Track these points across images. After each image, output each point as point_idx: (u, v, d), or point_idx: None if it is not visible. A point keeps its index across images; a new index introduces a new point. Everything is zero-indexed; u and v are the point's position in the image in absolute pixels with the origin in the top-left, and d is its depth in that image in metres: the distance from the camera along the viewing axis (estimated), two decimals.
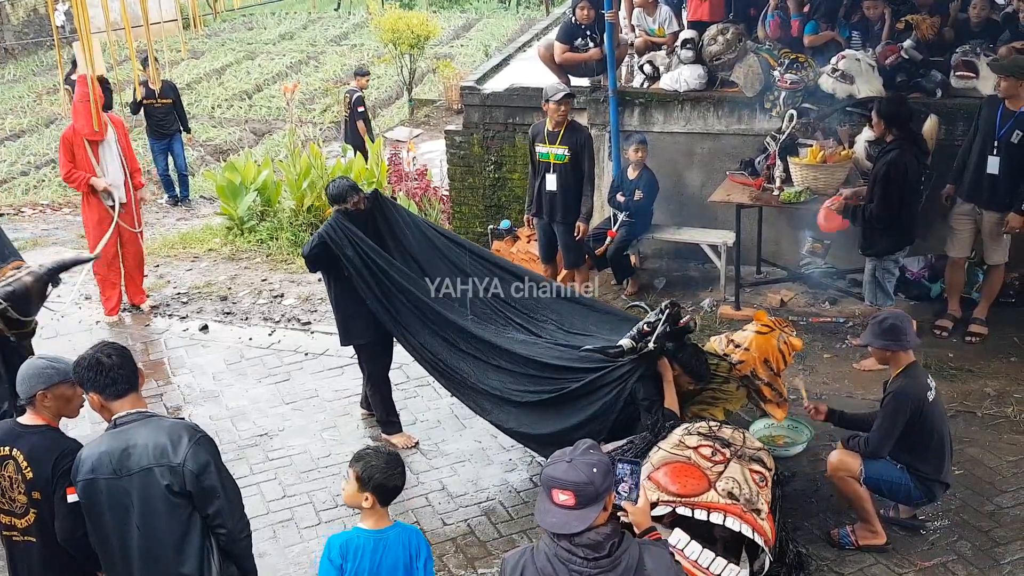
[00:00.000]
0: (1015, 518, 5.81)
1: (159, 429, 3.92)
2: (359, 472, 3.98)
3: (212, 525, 3.98)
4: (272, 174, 12.16)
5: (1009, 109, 7.34)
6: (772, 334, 6.13)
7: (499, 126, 10.33)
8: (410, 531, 4.12)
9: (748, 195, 8.43)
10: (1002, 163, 7.35)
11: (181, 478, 3.85)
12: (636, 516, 3.80)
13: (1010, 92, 7.32)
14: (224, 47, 24.71)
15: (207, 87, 21.14)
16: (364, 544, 4.00)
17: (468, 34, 25.03)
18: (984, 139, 7.49)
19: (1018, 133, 7.27)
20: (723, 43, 8.98)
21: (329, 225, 6.34)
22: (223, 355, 8.43)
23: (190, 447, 3.87)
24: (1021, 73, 7.27)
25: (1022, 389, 7.19)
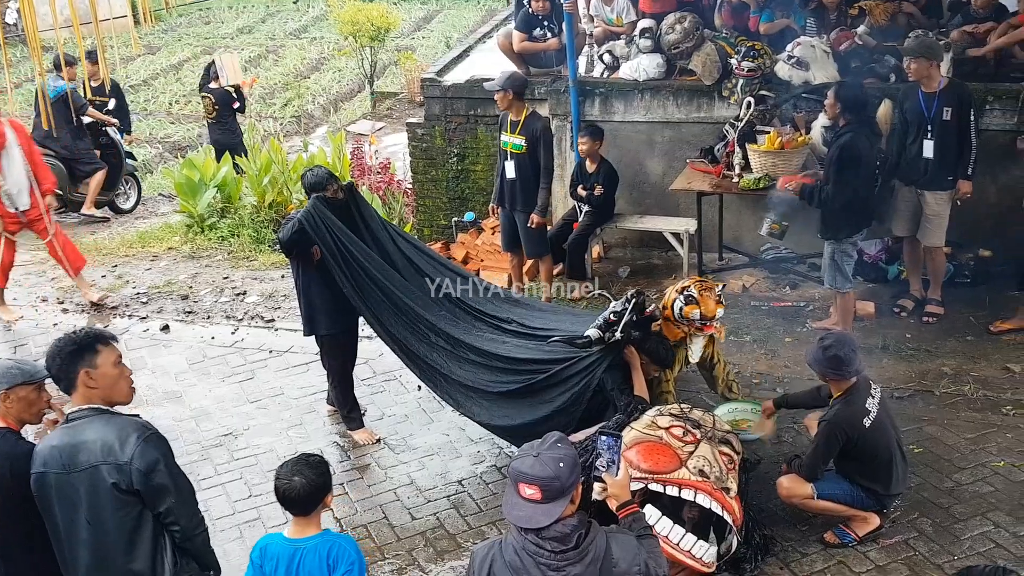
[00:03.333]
0: (974, 494, 5.90)
1: (108, 426, 3.88)
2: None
3: (165, 523, 3.95)
4: (232, 170, 12.06)
5: (928, 91, 7.47)
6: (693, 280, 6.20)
7: (461, 118, 10.32)
8: (332, 542, 4.00)
9: (708, 183, 8.50)
10: (936, 144, 7.49)
11: (128, 476, 3.82)
12: (615, 489, 3.82)
13: (920, 74, 7.45)
14: (180, 42, 24.45)
15: (164, 83, 20.91)
16: (281, 552, 3.97)
17: (429, 25, 24.93)
18: (915, 126, 7.61)
19: (947, 109, 7.41)
20: (681, 32, 9.03)
21: (308, 211, 6.29)
22: (185, 355, 8.37)
23: (138, 445, 3.83)
24: (929, 54, 7.39)
25: (978, 368, 7.30)
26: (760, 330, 8.06)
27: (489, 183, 10.22)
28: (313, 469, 3.97)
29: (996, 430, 6.53)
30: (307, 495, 3.94)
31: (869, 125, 7.19)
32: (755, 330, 8.05)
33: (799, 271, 8.83)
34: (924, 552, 5.44)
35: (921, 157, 7.61)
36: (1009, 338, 7.67)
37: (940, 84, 7.45)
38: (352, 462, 6.73)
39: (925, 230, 7.78)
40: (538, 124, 8.22)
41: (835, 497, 5.46)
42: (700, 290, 6.03)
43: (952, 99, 7.41)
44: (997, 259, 8.50)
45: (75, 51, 12.04)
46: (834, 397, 5.44)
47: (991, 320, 7.86)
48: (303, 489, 3.92)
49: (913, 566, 5.34)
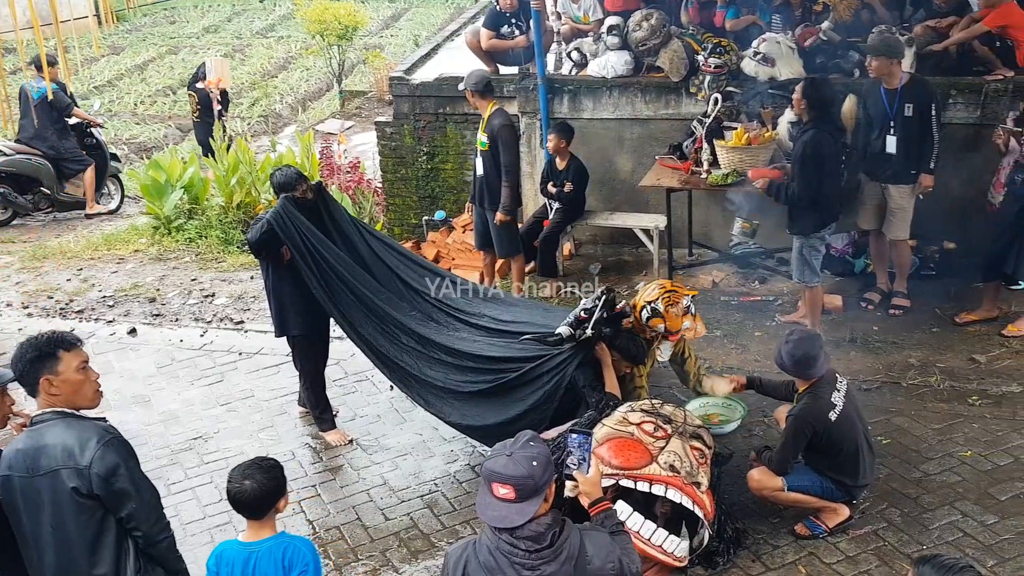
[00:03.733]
0: (942, 484, 5.97)
1: (70, 430, 3.85)
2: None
3: (127, 528, 3.92)
4: (199, 171, 11.97)
5: (890, 88, 7.54)
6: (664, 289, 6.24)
7: (430, 116, 10.30)
8: (287, 544, 3.98)
9: (677, 179, 8.53)
10: (899, 139, 7.57)
11: (88, 481, 3.79)
12: (587, 486, 3.84)
13: (882, 71, 7.52)
14: (145, 42, 24.21)
15: (129, 83, 20.69)
16: (235, 557, 3.95)
17: (398, 24, 24.83)
18: (879, 122, 7.69)
19: (908, 105, 7.49)
20: (648, 29, 9.05)
21: (277, 211, 6.27)
22: (153, 358, 8.32)
23: (98, 449, 3.80)
24: (890, 52, 7.46)
25: (945, 359, 7.39)
26: (730, 324, 8.12)
27: (459, 181, 10.25)
28: (264, 473, 3.94)
29: (963, 420, 6.61)
30: (257, 499, 3.91)
31: (833, 122, 7.24)
32: (725, 324, 8.10)
33: (768, 266, 8.89)
34: (893, 542, 5.49)
35: (884, 152, 7.68)
36: (974, 329, 7.76)
37: (902, 80, 7.52)
38: (324, 463, 6.71)
39: (890, 224, 7.85)
40: (497, 121, 8.18)
41: (804, 489, 5.51)
42: (667, 305, 6.09)
43: (913, 95, 7.48)
44: (961, 251, 8.59)
45: (36, 53, 11.97)
46: (800, 392, 5.49)
47: (956, 312, 7.96)
48: (253, 493, 3.89)
49: (883, 556, 5.40)
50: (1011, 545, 5.40)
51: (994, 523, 5.58)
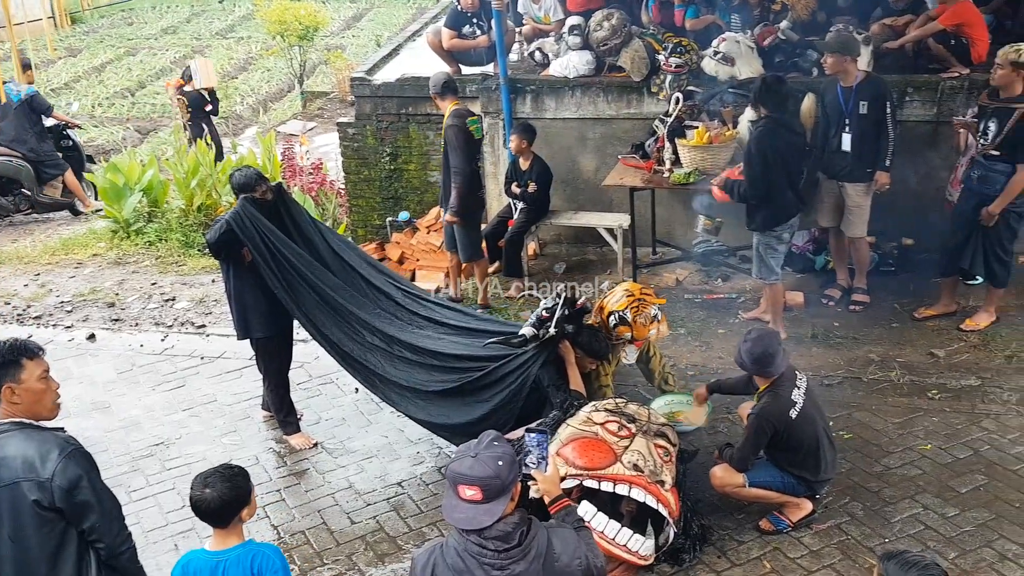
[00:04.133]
0: (903, 477, 6.04)
1: (29, 441, 3.77)
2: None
3: (89, 540, 3.87)
4: (158, 173, 11.86)
5: (846, 86, 7.61)
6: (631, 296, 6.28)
7: (392, 117, 10.27)
8: (255, 552, 3.92)
9: (640, 178, 8.57)
10: (854, 137, 7.64)
11: (49, 493, 3.72)
12: (545, 485, 3.84)
13: (836, 68, 7.59)
14: (103, 44, 23.96)
15: (86, 86, 20.48)
16: (203, 566, 3.89)
17: (359, 24, 24.74)
18: (835, 120, 7.76)
19: (863, 103, 7.55)
20: (609, 28, 9.09)
21: (236, 212, 6.22)
22: (113, 364, 8.23)
23: (60, 461, 3.73)
24: (843, 49, 7.54)
25: (904, 353, 7.47)
26: (694, 322, 8.16)
27: (422, 182, 10.23)
28: (227, 482, 3.87)
29: (923, 414, 6.69)
30: (218, 508, 3.85)
31: (785, 121, 7.29)
32: (689, 322, 8.15)
33: (730, 264, 8.95)
34: (856, 536, 5.55)
35: (840, 150, 7.76)
36: (933, 324, 7.85)
37: (857, 78, 7.59)
38: (289, 468, 6.67)
39: (848, 221, 7.93)
40: (447, 122, 8.11)
41: (767, 485, 5.55)
42: (635, 315, 6.12)
43: (868, 93, 7.55)
44: (920, 247, 8.70)
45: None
46: (760, 390, 5.53)
47: (915, 307, 8.05)
48: (213, 502, 3.83)
49: (846, 550, 5.45)
50: (971, 537, 5.46)
51: (955, 515, 5.65)
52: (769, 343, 5.41)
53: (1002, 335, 7.61)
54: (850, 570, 5.29)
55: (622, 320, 6.13)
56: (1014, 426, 6.48)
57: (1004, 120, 7.05)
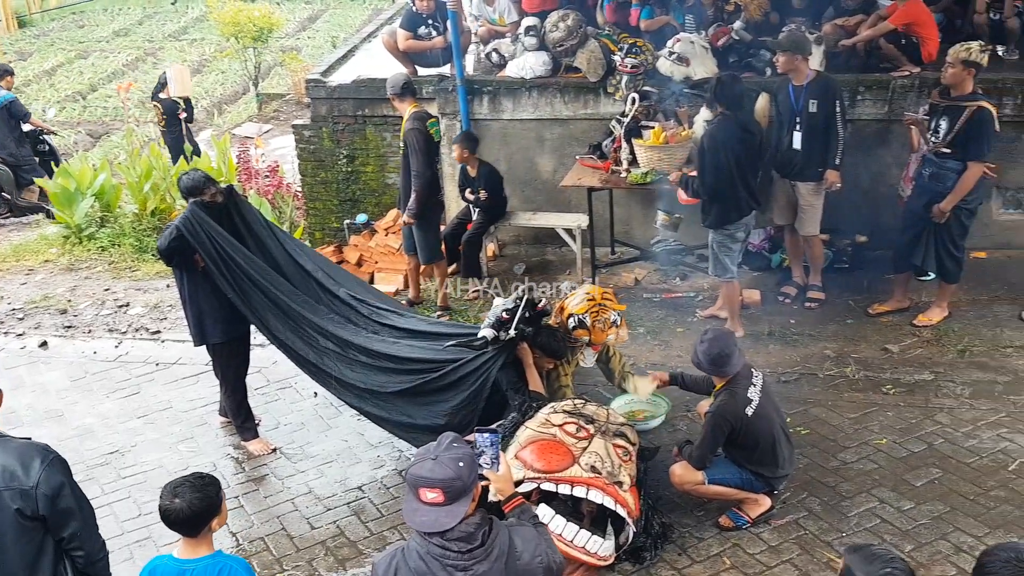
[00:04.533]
0: (859, 472, 6.11)
1: (8, 451, 3.75)
2: None
3: (68, 548, 3.84)
4: (110, 177, 11.70)
5: (797, 84, 7.68)
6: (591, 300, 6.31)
7: (348, 119, 10.21)
8: (222, 565, 3.85)
9: (598, 178, 8.59)
10: (804, 135, 7.71)
11: (34, 502, 3.70)
12: (499, 484, 3.82)
13: (788, 67, 7.66)
14: (54, 47, 23.61)
15: (37, 89, 20.16)
16: (169, 573, 3.85)
17: (315, 25, 24.56)
18: (786, 118, 7.83)
19: (813, 102, 7.62)
20: (564, 29, 9.10)
21: (186, 217, 6.14)
22: (66, 371, 8.11)
23: (43, 470, 3.72)
24: (795, 48, 7.61)
25: (859, 349, 7.56)
26: (653, 321, 8.20)
27: (380, 184, 10.19)
28: (197, 492, 3.80)
29: (877, 409, 6.77)
30: (187, 518, 3.78)
31: (738, 119, 7.34)
32: (648, 321, 8.18)
33: (688, 262, 9.00)
34: (814, 530, 5.61)
35: (792, 148, 7.82)
36: (887, 320, 7.95)
37: (808, 77, 7.65)
38: (247, 474, 6.62)
39: (801, 220, 8.01)
40: (407, 124, 8.06)
41: (725, 481, 5.59)
42: (594, 320, 6.15)
43: (818, 91, 7.61)
44: (873, 244, 8.80)
45: None
46: (716, 389, 5.56)
47: (869, 303, 8.15)
48: (182, 512, 3.77)
49: (804, 544, 5.50)
50: (927, 530, 5.54)
51: (910, 509, 5.73)
52: (725, 343, 5.44)
53: (955, 330, 7.72)
54: (808, 564, 5.35)
55: (581, 324, 6.16)
56: (967, 419, 6.58)
57: (955, 118, 7.15)
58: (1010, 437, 6.36)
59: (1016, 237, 8.72)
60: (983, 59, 7.09)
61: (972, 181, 7.19)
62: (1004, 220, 8.88)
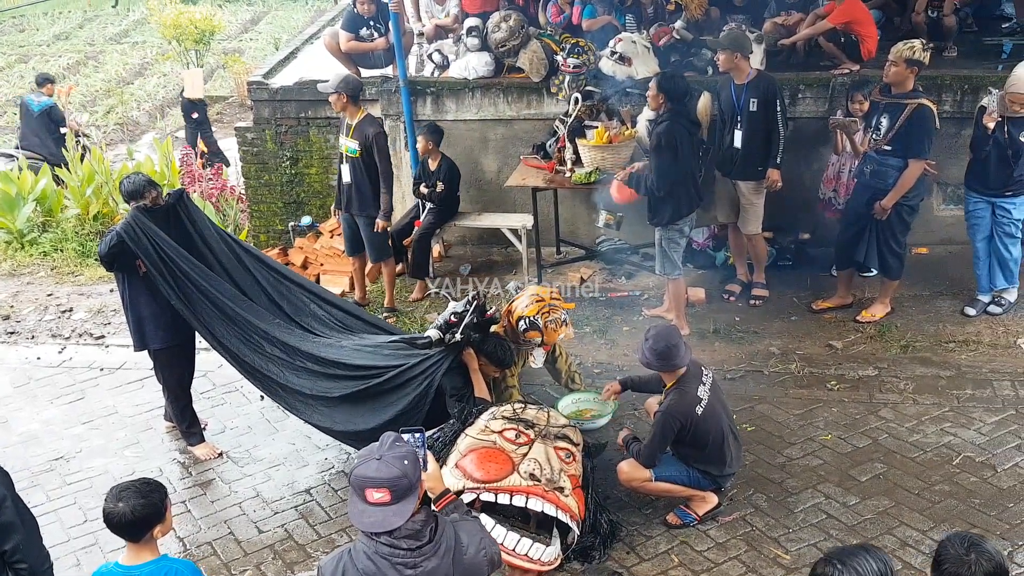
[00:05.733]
0: (804, 467, 6.19)
1: None
2: None
3: (11, 561, 3.78)
4: (52, 182, 11.54)
5: (738, 83, 7.76)
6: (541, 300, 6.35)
7: (291, 120, 10.14)
8: (168, 568, 3.82)
9: (542, 178, 8.62)
10: (744, 134, 7.78)
11: None
12: (429, 482, 3.80)
13: (728, 65, 7.74)
14: None
15: None
16: None
17: (257, 27, 24.39)
18: (728, 116, 7.91)
19: (753, 100, 7.69)
20: (507, 30, 9.12)
21: (127, 222, 6.06)
22: (9, 377, 7.98)
23: None
24: (734, 46, 7.69)
25: (803, 346, 7.65)
26: (599, 320, 8.23)
27: (324, 186, 10.11)
28: (141, 497, 3.77)
29: (822, 405, 6.86)
30: (129, 523, 3.75)
31: (687, 114, 7.41)
32: (594, 321, 8.21)
33: (633, 261, 9.06)
34: (761, 527, 5.67)
35: (733, 147, 7.89)
36: (830, 316, 8.06)
37: (749, 76, 7.73)
38: (194, 478, 6.55)
39: (743, 218, 8.08)
40: (371, 129, 8.07)
41: (673, 479, 5.63)
42: (546, 320, 6.18)
43: (758, 90, 7.68)
44: (816, 241, 8.92)
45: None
46: (667, 387, 5.58)
47: (812, 300, 8.26)
48: (124, 517, 3.73)
49: (751, 541, 5.56)
50: (873, 525, 5.62)
51: (856, 504, 5.81)
52: (669, 337, 5.46)
53: (897, 326, 7.84)
54: (756, 560, 5.41)
55: (532, 325, 6.17)
56: (911, 414, 6.69)
57: (896, 115, 7.25)
58: (954, 432, 6.47)
59: (957, 233, 8.87)
60: (926, 57, 7.19)
61: (913, 178, 7.29)
62: (945, 216, 9.03)
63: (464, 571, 3.47)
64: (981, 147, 7.44)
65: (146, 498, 3.79)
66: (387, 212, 8.26)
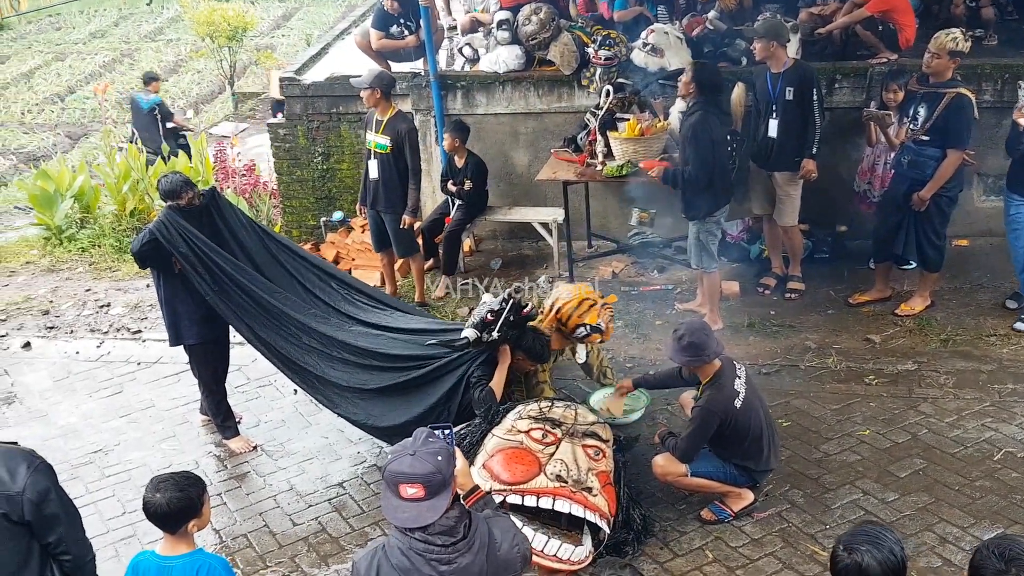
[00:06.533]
0: (842, 463, 6.11)
1: None
2: None
3: (55, 552, 3.83)
4: (89, 179, 11.67)
5: (774, 72, 7.68)
6: (587, 298, 6.31)
7: (323, 116, 10.17)
8: (201, 563, 3.87)
9: (573, 172, 8.57)
10: (780, 124, 7.70)
11: (19, 507, 3.68)
12: (459, 479, 3.79)
13: (765, 54, 7.64)
14: (31, 49, 23.52)
15: (15, 92, 20.09)
16: (150, 568, 3.88)
17: (289, 23, 24.53)
18: (763, 106, 7.82)
19: (790, 89, 7.60)
20: (537, 23, 9.08)
21: (160, 222, 6.13)
22: (49, 372, 8.08)
23: (29, 475, 3.70)
24: (772, 34, 7.59)
25: (840, 340, 7.56)
26: (631, 315, 8.19)
27: (356, 181, 10.12)
28: (179, 490, 3.83)
29: (860, 400, 6.77)
30: (167, 514, 3.82)
31: (720, 106, 7.34)
32: (626, 315, 8.16)
33: (666, 255, 8.99)
34: (797, 523, 5.60)
35: (768, 137, 7.81)
36: (868, 310, 7.95)
37: (785, 65, 7.65)
38: (229, 471, 6.59)
39: (779, 210, 8.00)
40: (403, 125, 8.09)
41: (708, 474, 5.57)
42: (607, 321, 6.19)
43: (794, 79, 7.59)
44: (853, 234, 8.81)
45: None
46: (703, 383, 5.51)
47: (850, 293, 8.15)
48: (161, 508, 3.81)
49: (787, 537, 5.50)
50: (911, 521, 5.54)
51: (894, 500, 5.73)
52: (698, 331, 5.41)
53: (937, 319, 7.73)
54: (792, 557, 5.34)
55: (595, 329, 6.15)
56: (951, 409, 6.59)
57: (934, 105, 7.14)
58: (994, 427, 6.36)
59: (998, 224, 8.72)
60: (967, 47, 7.08)
61: (951, 169, 7.19)
62: (985, 207, 8.91)
63: (498, 567, 3.46)
64: (1015, 146, 7.25)
65: (183, 491, 3.85)
66: (414, 208, 8.26)
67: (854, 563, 3.21)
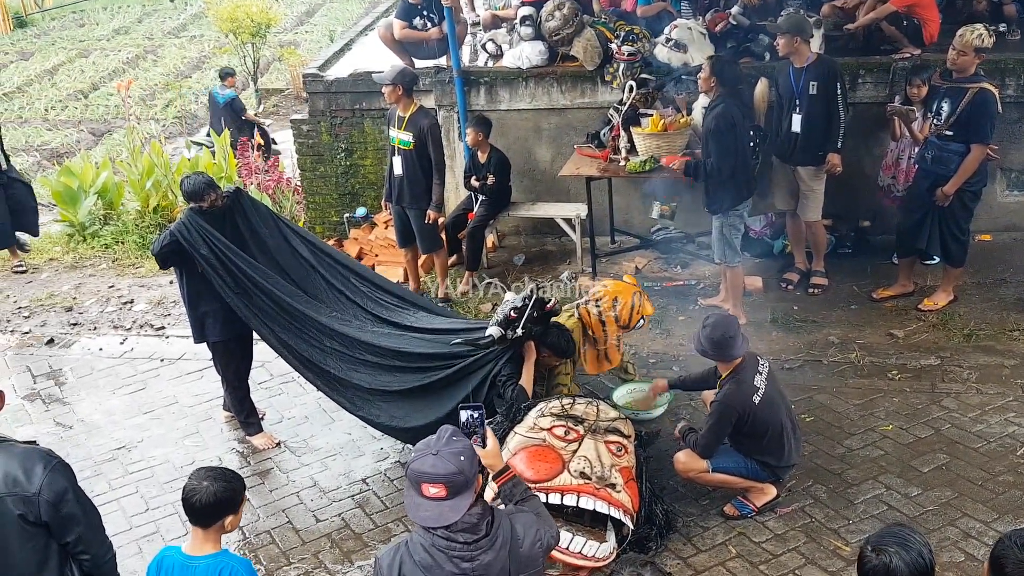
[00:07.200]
0: (865, 458, 6.09)
1: (10, 456, 3.74)
2: None
3: (74, 552, 3.84)
4: (112, 175, 11.72)
5: (797, 67, 7.64)
6: (633, 287, 6.36)
7: (346, 112, 10.19)
8: (224, 564, 3.85)
9: (596, 167, 8.55)
10: (803, 118, 7.66)
11: (36, 508, 3.70)
12: (488, 459, 3.79)
13: (788, 49, 7.60)
14: (55, 46, 23.65)
15: (39, 89, 20.20)
16: (175, 566, 3.88)
17: (312, 19, 24.58)
18: (786, 100, 7.79)
19: (813, 84, 7.56)
20: (560, 18, 9.06)
21: (181, 223, 6.16)
22: (72, 368, 8.13)
23: (45, 476, 3.70)
24: (795, 30, 7.55)
25: (863, 335, 7.52)
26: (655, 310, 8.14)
27: (379, 177, 10.13)
28: (224, 481, 3.84)
29: (883, 395, 6.75)
30: (208, 504, 3.80)
31: (741, 99, 7.30)
32: None
33: (689, 250, 8.97)
34: (820, 518, 5.60)
35: (791, 132, 7.77)
36: (891, 305, 7.91)
37: (808, 60, 7.61)
38: (252, 468, 6.62)
39: (803, 205, 7.96)
40: (425, 121, 8.11)
41: (730, 470, 5.57)
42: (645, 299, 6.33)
43: (818, 74, 7.56)
44: (877, 229, 8.76)
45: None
46: (723, 377, 5.52)
47: (873, 288, 8.11)
48: (204, 496, 3.79)
49: (810, 532, 5.50)
50: (935, 516, 5.53)
51: (917, 495, 5.72)
52: (727, 327, 5.41)
53: (960, 314, 7.69)
54: (815, 552, 5.34)
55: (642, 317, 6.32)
56: (974, 404, 6.56)
57: (957, 100, 7.10)
58: (1018, 421, 6.34)
59: (1021, 219, 8.69)
60: (991, 42, 7.05)
61: (975, 163, 7.15)
62: (1009, 202, 8.85)
63: (520, 564, 3.47)
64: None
65: (228, 483, 3.86)
66: (439, 203, 8.28)
67: (882, 564, 3.20)
